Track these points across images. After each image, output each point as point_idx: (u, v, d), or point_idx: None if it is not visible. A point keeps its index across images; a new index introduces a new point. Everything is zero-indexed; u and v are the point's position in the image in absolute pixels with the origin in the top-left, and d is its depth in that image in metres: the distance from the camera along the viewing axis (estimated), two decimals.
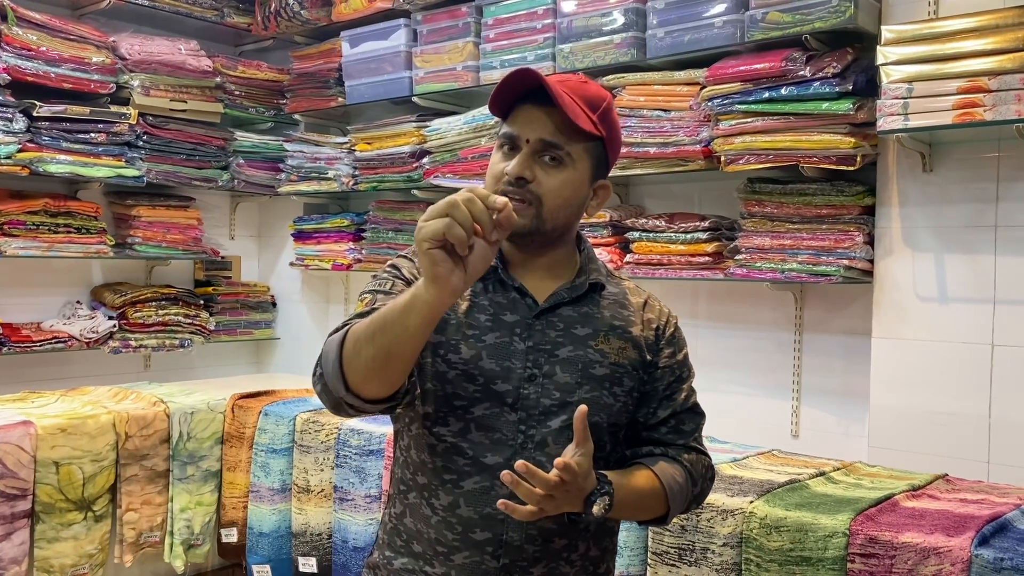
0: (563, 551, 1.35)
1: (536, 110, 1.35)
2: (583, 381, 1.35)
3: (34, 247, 3.46)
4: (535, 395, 1.33)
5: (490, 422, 1.33)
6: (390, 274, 1.40)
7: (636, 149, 2.83)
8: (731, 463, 2.46)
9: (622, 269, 2.92)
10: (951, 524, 1.87)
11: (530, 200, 1.34)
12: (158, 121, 3.75)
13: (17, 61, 3.33)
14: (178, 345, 3.91)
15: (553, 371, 1.34)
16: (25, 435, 2.78)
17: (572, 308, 1.39)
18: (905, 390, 2.49)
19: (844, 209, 2.54)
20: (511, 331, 1.36)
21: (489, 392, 1.33)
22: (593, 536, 1.39)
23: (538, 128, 1.35)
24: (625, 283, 1.50)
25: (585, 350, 1.37)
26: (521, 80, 1.35)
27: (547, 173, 1.35)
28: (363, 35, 3.66)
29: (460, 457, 1.33)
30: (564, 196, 1.36)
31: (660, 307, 1.50)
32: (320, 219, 4.04)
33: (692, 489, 1.44)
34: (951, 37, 2.25)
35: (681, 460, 1.44)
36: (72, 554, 2.90)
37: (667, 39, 2.79)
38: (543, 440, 1.33)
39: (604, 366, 1.37)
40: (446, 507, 1.33)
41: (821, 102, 2.47)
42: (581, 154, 1.38)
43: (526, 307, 1.38)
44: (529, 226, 1.34)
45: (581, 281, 1.41)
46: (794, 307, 2.83)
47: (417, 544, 1.36)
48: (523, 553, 1.32)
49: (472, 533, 1.32)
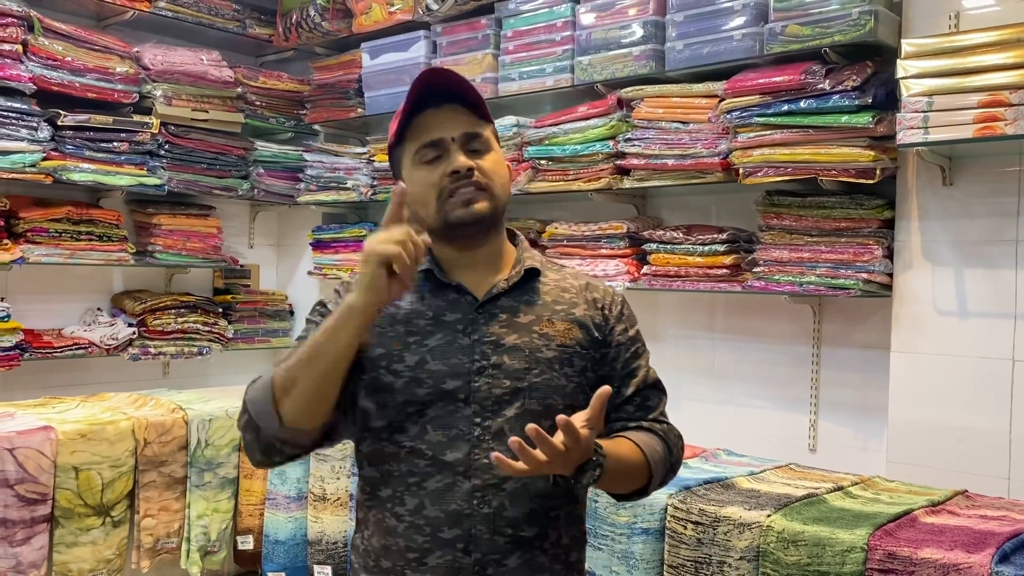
0: (535, 540, 1.35)
1: (439, 112, 1.39)
2: (532, 366, 1.37)
3: (56, 254, 3.50)
4: (486, 387, 1.35)
5: (445, 420, 1.34)
6: (317, 314, 1.43)
7: (654, 161, 2.83)
8: (748, 476, 2.45)
9: (639, 280, 2.92)
10: (971, 540, 1.85)
11: (483, 186, 1.38)
12: (180, 130, 3.79)
13: (43, 71, 3.38)
14: (196, 352, 3.94)
15: (501, 360, 1.36)
16: (46, 440, 2.81)
17: (512, 298, 1.42)
18: (924, 405, 2.47)
19: (863, 222, 2.54)
20: (454, 329, 1.38)
21: (440, 392, 1.35)
22: (563, 525, 1.40)
23: (455, 125, 1.39)
24: (565, 269, 1.54)
25: (530, 336, 1.39)
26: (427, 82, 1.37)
27: (481, 159, 1.40)
28: (383, 47, 3.69)
29: (420, 459, 1.34)
30: (502, 173, 1.43)
31: (603, 287, 1.53)
32: (338, 228, 4.06)
33: (669, 458, 1.46)
34: (972, 51, 2.24)
35: (656, 430, 1.46)
36: (90, 559, 2.92)
37: (686, 51, 2.80)
38: (499, 430, 1.34)
39: (551, 348, 1.39)
40: (412, 511, 1.34)
41: (840, 115, 2.46)
42: (492, 135, 1.45)
43: (466, 304, 1.40)
44: (489, 208, 1.39)
45: (517, 270, 1.44)
46: (812, 320, 2.82)
47: (386, 560, 1.36)
48: (494, 546, 1.32)
49: (441, 532, 1.32)
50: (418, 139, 1.39)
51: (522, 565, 1.34)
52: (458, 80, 1.40)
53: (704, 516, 2.13)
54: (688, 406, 3.11)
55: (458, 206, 1.37)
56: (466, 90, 1.40)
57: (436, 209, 1.38)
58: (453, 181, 1.37)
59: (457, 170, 1.36)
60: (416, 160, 1.40)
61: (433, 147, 1.39)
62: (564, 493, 1.38)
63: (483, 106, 1.43)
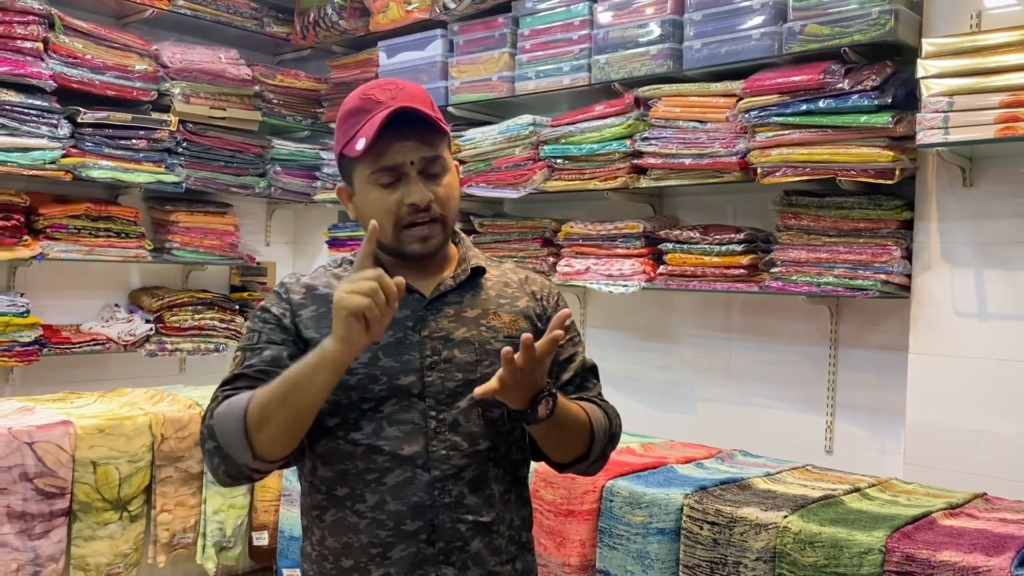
0: (492, 524, 1.39)
1: (399, 136, 1.36)
2: (482, 357, 1.40)
3: (75, 250, 3.53)
4: (439, 380, 1.38)
5: (401, 415, 1.36)
6: (259, 320, 1.43)
7: (671, 160, 2.82)
8: (765, 477, 2.44)
9: (656, 280, 2.91)
10: (991, 544, 1.84)
11: (438, 218, 1.40)
12: (198, 128, 3.81)
13: (63, 68, 3.41)
14: (213, 349, 3.96)
15: (452, 354, 1.39)
16: (65, 435, 2.83)
17: (458, 294, 1.45)
18: (942, 407, 2.46)
19: (882, 223, 2.52)
20: (404, 326, 1.39)
21: (394, 387, 1.36)
22: (514, 507, 1.44)
23: (414, 150, 1.37)
24: (504, 265, 1.57)
25: (479, 329, 1.43)
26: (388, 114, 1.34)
27: (437, 185, 1.40)
28: (400, 45, 3.69)
29: (378, 455, 1.36)
30: (454, 196, 1.44)
31: (541, 280, 1.57)
32: (354, 227, 4.07)
33: (609, 428, 1.48)
34: (993, 50, 2.22)
35: (595, 400, 1.50)
36: (108, 553, 2.94)
37: (704, 51, 2.79)
38: (455, 421, 1.37)
39: (500, 340, 1.42)
40: (373, 507, 1.35)
41: (860, 115, 2.45)
42: (447, 152, 1.44)
43: (415, 301, 1.42)
44: (443, 240, 1.42)
45: (463, 268, 1.47)
46: (829, 321, 2.81)
47: (346, 559, 1.37)
48: (456, 533, 1.36)
49: (403, 525, 1.35)
50: (375, 161, 1.37)
51: (483, 548, 1.38)
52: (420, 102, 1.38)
53: (720, 516, 2.13)
54: (704, 406, 3.11)
55: (415, 241, 1.39)
56: (426, 112, 1.37)
57: (392, 236, 1.39)
58: (411, 213, 1.38)
59: (416, 204, 1.37)
60: (371, 180, 1.39)
61: (390, 172, 1.37)
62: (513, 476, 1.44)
63: (440, 120, 1.41)
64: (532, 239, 3.31)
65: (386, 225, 1.39)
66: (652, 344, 3.23)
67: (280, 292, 1.46)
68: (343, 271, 1.47)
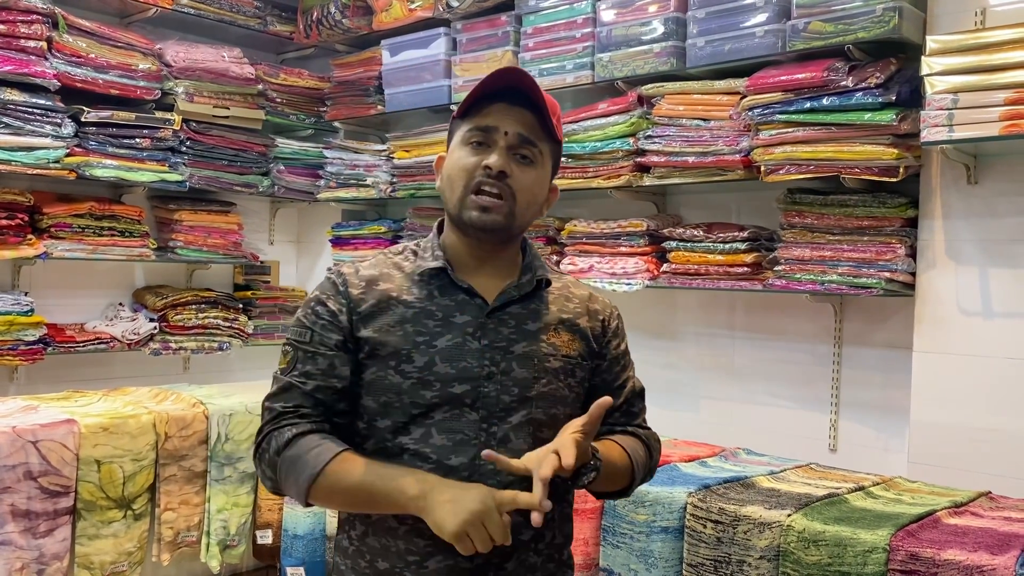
0: (531, 542, 1.36)
1: (510, 108, 1.38)
2: (540, 375, 1.38)
3: (79, 249, 3.53)
4: (495, 393, 1.34)
5: (451, 424, 1.33)
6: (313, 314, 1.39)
7: (674, 158, 2.82)
8: (768, 476, 2.43)
9: (659, 278, 2.91)
10: (995, 542, 1.84)
11: (507, 195, 1.36)
12: (201, 127, 3.81)
13: (67, 67, 3.41)
14: (217, 348, 3.96)
15: (510, 367, 1.36)
16: (69, 433, 2.83)
17: (521, 305, 1.41)
18: (947, 405, 2.45)
19: (886, 221, 2.51)
20: (463, 332, 1.36)
21: (448, 395, 1.33)
22: (556, 525, 1.42)
23: (514, 123, 1.37)
24: (567, 278, 1.54)
25: (538, 344, 1.39)
26: (507, 78, 1.37)
27: (520, 170, 1.38)
28: (403, 44, 3.69)
29: (424, 463, 1.32)
30: (533, 193, 1.40)
31: (603, 300, 1.54)
32: (358, 225, 4.07)
33: (649, 462, 1.50)
34: (998, 48, 2.21)
35: (639, 435, 1.51)
36: (112, 551, 2.95)
37: (707, 48, 2.79)
38: (505, 436, 1.34)
39: (557, 359, 1.40)
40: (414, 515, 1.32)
41: (863, 112, 2.44)
42: (547, 155, 1.43)
43: (476, 307, 1.38)
44: (502, 223, 1.37)
45: (528, 278, 1.43)
46: (833, 319, 2.80)
47: (383, 561, 1.35)
48: (495, 550, 1.30)
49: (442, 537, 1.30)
50: (474, 120, 1.39)
51: (518, 567, 1.36)
52: (539, 91, 1.38)
53: (724, 515, 2.12)
54: (708, 405, 3.10)
55: (476, 208, 1.36)
56: (543, 104, 1.38)
57: (459, 196, 1.38)
58: (483, 174, 1.36)
59: (490, 167, 1.35)
60: (465, 138, 1.40)
61: (484, 132, 1.38)
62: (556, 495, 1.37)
63: (555, 126, 1.41)
64: (535, 237, 3.31)
65: (457, 186, 1.38)
66: (656, 342, 3.23)
67: (337, 283, 1.41)
68: (404, 259, 1.45)
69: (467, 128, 1.40)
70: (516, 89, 1.37)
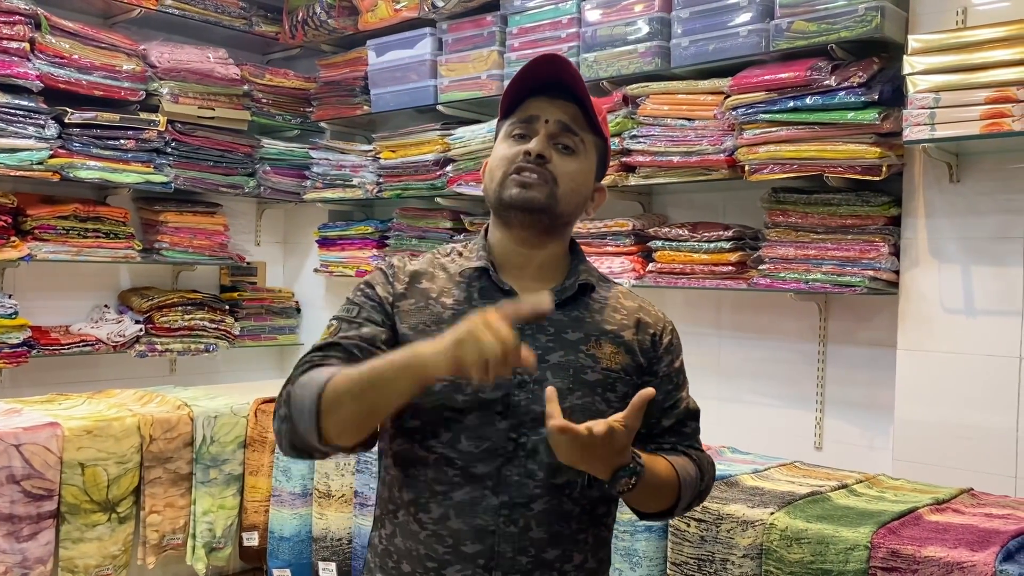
0: (556, 562, 1.31)
1: (551, 100, 1.37)
2: (574, 387, 1.32)
3: (64, 251, 3.51)
4: (525, 402, 1.29)
5: (480, 431, 1.29)
6: (363, 295, 1.38)
7: (659, 158, 2.82)
8: (752, 474, 2.44)
9: (645, 278, 2.91)
10: (976, 539, 1.84)
11: (547, 178, 1.34)
12: (186, 128, 3.80)
13: (50, 68, 3.39)
14: (203, 350, 3.95)
15: (544, 377, 1.30)
16: (52, 436, 2.82)
17: (562, 312, 1.36)
18: (930, 403, 2.46)
19: (869, 219, 2.52)
20: None
21: (477, 400, 1.29)
22: (590, 548, 1.35)
23: (557, 112, 1.36)
24: (617, 287, 1.48)
25: (576, 355, 1.34)
26: (548, 70, 1.35)
27: (561, 159, 1.36)
28: (389, 44, 3.69)
29: (450, 468, 1.29)
30: (577, 182, 1.37)
31: (656, 312, 1.48)
32: (345, 226, 4.07)
33: (699, 484, 1.42)
34: (979, 47, 2.22)
35: (691, 454, 1.43)
36: (96, 555, 2.94)
37: (691, 48, 2.79)
38: (534, 448, 1.29)
39: (596, 371, 1.34)
40: (436, 520, 1.30)
41: (846, 111, 2.45)
42: (591, 147, 1.40)
43: None
44: (544, 201, 1.33)
45: (571, 283, 1.39)
46: (818, 318, 2.81)
47: (407, 563, 1.32)
48: (515, 565, 1.28)
49: (463, 546, 1.28)
50: (517, 115, 1.38)
51: None
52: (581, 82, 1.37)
53: (707, 513, 2.12)
54: None
55: (515, 185, 1.33)
56: (586, 95, 1.36)
57: (498, 183, 1.35)
58: (524, 159, 1.34)
59: (530, 151, 1.33)
60: (507, 131, 1.39)
61: (525, 123, 1.37)
62: (591, 515, 1.34)
63: (600, 121, 1.39)
64: None
65: (497, 174, 1.36)
66: None
67: (387, 273, 1.40)
68: (450, 260, 1.42)
69: (509, 123, 1.39)
70: (559, 82, 1.36)
